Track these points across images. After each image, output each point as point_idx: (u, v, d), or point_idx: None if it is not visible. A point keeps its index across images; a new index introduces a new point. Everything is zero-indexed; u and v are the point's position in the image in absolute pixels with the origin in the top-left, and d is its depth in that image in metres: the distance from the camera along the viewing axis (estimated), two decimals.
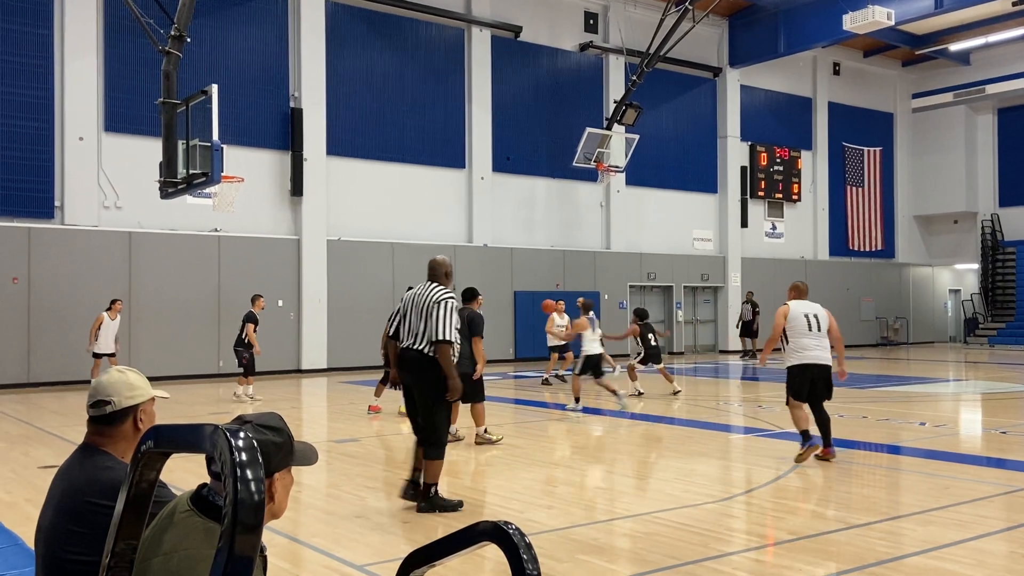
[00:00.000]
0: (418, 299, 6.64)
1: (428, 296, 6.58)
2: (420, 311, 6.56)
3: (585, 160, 21.82)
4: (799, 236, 29.69)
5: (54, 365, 16.45)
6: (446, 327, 6.45)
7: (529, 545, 1.53)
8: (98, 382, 2.72)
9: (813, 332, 8.32)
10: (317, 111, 19.82)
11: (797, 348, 8.35)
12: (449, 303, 6.54)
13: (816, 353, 8.32)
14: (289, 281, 19.29)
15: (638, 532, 5.94)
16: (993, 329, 30.85)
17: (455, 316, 6.55)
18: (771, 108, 28.79)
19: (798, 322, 8.34)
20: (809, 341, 8.32)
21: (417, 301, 6.64)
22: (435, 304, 6.52)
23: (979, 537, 5.66)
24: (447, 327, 6.45)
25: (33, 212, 16.74)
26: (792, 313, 8.40)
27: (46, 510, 2.61)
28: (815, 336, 8.34)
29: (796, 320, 8.35)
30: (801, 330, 8.32)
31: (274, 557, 5.26)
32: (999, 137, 31.81)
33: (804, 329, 8.31)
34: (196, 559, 1.86)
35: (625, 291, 25.00)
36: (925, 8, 22.31)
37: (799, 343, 8.34)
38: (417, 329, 6.54)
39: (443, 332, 6.42)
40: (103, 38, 17.43)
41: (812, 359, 8.31)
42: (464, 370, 9.14)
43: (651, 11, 24.27)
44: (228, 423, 1.78)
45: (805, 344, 8.32)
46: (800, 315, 8.37)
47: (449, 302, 6.55)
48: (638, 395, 14.29)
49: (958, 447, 9.61)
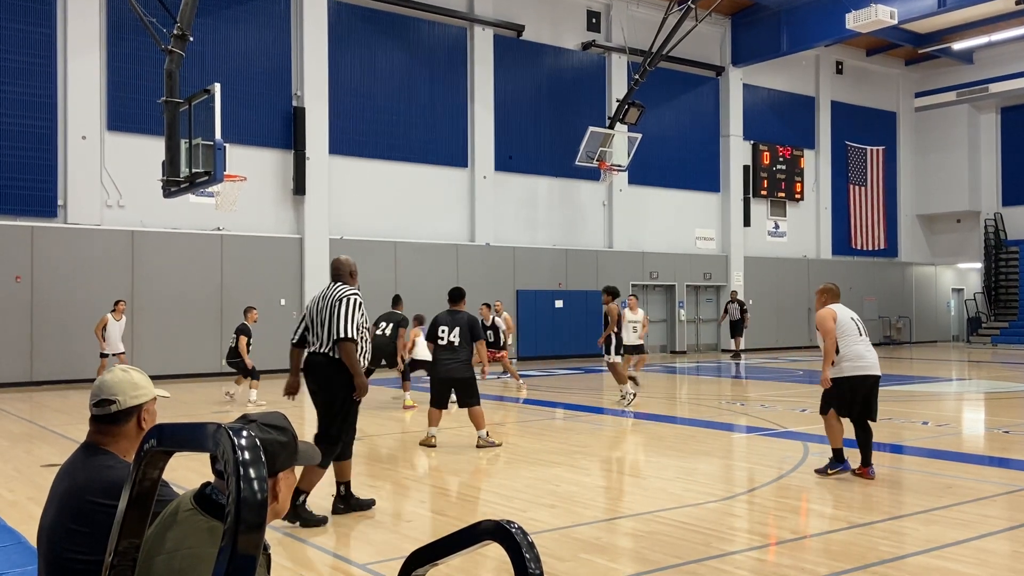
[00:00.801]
0: (323, 301, 6.38)
1: (332, 296, 6.33)
2: (324, 312, 6.31)
3: (588, 159, 21.81)
4: (802, 235, 29.66)
5: (57, 364, 16.47)
6: (347, 324, 6.17)
7: (531, 544, 1.53)
8: (102, 381, 2.72)
9: (864, 337, 7.54)
10: (320, 110, 19.83)
11: (852, 356, 7.40)
12: (352, 299, 6.27)
13: (872, 361, 7.46)
14: (292, 280, 19.30)
15: (640, 531, 5.94)
16: (996, 328, 30.81)
17: (359, 313, 6.26)
18: (774, 107, 28.76)
19: (848, 327, 7.49)
20: (863, 348, 7.46)
21: (321, 304, 6.38)
22: (337, 301, 6.26)
23: (982, 536, 5.65)
24: (349, 324, 6.17)
25: (36, 211, 16.76)
26: (841, 318, 7.54)
27: (48, 509, 2.61)
28: (866, 342, 7.53)
29: (846, 325, 7.51)
30: (853, 336, 7.46)
31: (277, 556, 5.26)
32: (1002, 136, 31.76)
33: (856, 334, 7.48)
34: (199, 558, 1.86)
35: (627, 290, 24.95)
36: (928, 7, 22.28)
37: (854, 351, 7.42)
38: (322, 332, 6.29)
39: (344, 330, 6.15)
40: (106, 37, 17.45)
41: (870, 369, 7.42)
42: (465, 375, 9.23)
43: (654, 10, 24.25)
44: (231, 422, 1.78)
45: (860, 352, 7.42)
46: (848, 319, 7.56)
47: (352, 298, 6.28)
48: (631, 396, 12.97)
49: (961, 446, 9.60)
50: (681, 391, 16.59)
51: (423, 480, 8.01)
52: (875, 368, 7.43)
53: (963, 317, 33.36)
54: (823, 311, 7.61)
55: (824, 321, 7.51)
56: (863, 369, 7.37)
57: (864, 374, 7.37)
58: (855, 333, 7.47)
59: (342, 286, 6.41)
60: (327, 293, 6.41)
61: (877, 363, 7.46)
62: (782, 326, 28.04)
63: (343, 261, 6.59)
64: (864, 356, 7.40)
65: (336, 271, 6.54)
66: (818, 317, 7.64)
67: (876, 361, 7.47)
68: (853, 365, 7.36)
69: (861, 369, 7.36)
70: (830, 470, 7.40)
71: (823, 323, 7.51)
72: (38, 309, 16.44)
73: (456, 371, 9.23)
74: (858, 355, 7.38)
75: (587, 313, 23.75)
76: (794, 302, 28.35)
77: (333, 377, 6.24)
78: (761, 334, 26.68)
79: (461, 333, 9.33)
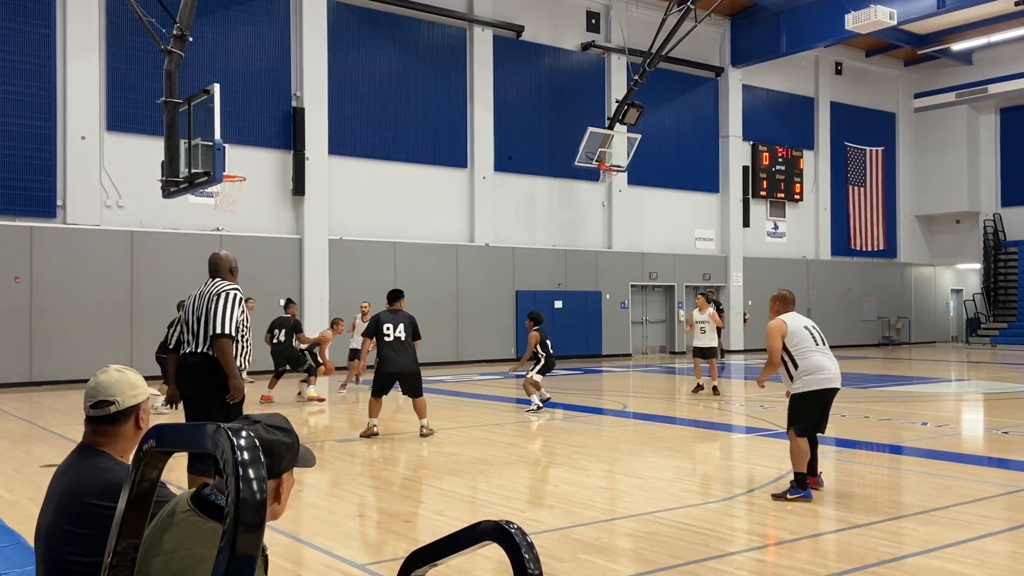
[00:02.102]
0: (199, 299, 5.93)
1: (209, 292, 5.89)
2: (201, 309, 5.85)
3: (587, 160, 21.82)
4: (801, 236, 29.68)
5: (56, 364, 16.46)
6: (226, 319, 5.73)
7: (531, 544, 1.53)
8: (98, 382, 2.71)
9: (821, 346, 6.90)
10: (319, 110, 19.82)
11: (812, 369, 6.77)
12: (232, 294, 5.86)
13: (835, 372, 6.86)
14: (291, 280, 19.29)
15: (640, 532, 5.94)
16: (995, 329, 30.82)
17: (239, 310, 5.84)
18: (773, 108, 28.77)
19: (802, 337, 6.84)
20: (823, 359, 6.83)
21: (199, 301, 5.92)
22: (215, 296, 5.82)
23: (981, 537, 5.65)
24: (227, 320, 5.74)
25: (35, 211, 16.75)
26: (793, 328, 6.90)
27: (45, 510, 2.60)
28: (825, 351, 6.91)
29: (799, 335, 6.85)
30: (809, 345, 6.83)
31: (276, 556, 5.26)
32: (1001, 137, 31.78)
33: (812, 344, 6.84)
34: (197, 559, 1.86)
35: (627, 291, 24.99)
36: (927, 8, 22.30)
37: (814, 362, 6.78)
38: (198, 330, 5.82)
39: (222, 324, 5.71)
40: (105, 37, 17.45)
41: (833, 382, 6.85)
42: (414, 369, 10.00)
43: (653, 11, 24.26)
44: (232, 422, 1.78)
45: (821, 363, 6.80)
46: (801, 328, 6.91)
47: (232, 294, 5.87)
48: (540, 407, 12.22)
49: (960, 447, 9.60)
50: (680, 392, 16.58)
51: (422, 480, 8.00)
52: (837, 380, 6.88)
53: (962, 318, 33.37)
54: (772, 323, 7.00)
55: (771, 338, 6.91)
56: (827, 382, 6.80)
57: (828, 387, 6.82)
58: (811, 343, 6.84)
59: (220, 281, 5.99)
60: (204, 290, 5.95)
61: (839, 373, 6.91)
62: None
63: (223, 256, 6.15)
64: (825, 367, 6.81)
65: (214, 267, 6.08)
66: (767, 329, 7.02)
67: (838, 371, 6.90)
68: (816, 378, 6.77)
69: (825, 382, 6.79)
70: (790, 495, 6.65)
71: (769, 339, 6.92)
72: (37, 309, 16.43)
73: (407, 366, 9.94)
74: (819, 366, 6.78)
75: (586, 314, 23.77)
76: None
77: (208, 378, 5.74)
78: (761, 335, 26.62)
79: (405, 329, 10.00)
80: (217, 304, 5.75)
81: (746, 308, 24.98)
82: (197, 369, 5.78)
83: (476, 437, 10.23)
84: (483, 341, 21.93)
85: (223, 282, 5.96)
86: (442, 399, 14.18)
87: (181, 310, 6.24)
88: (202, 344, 5.78)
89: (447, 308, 21.42)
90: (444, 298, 21.40)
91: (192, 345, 5.83)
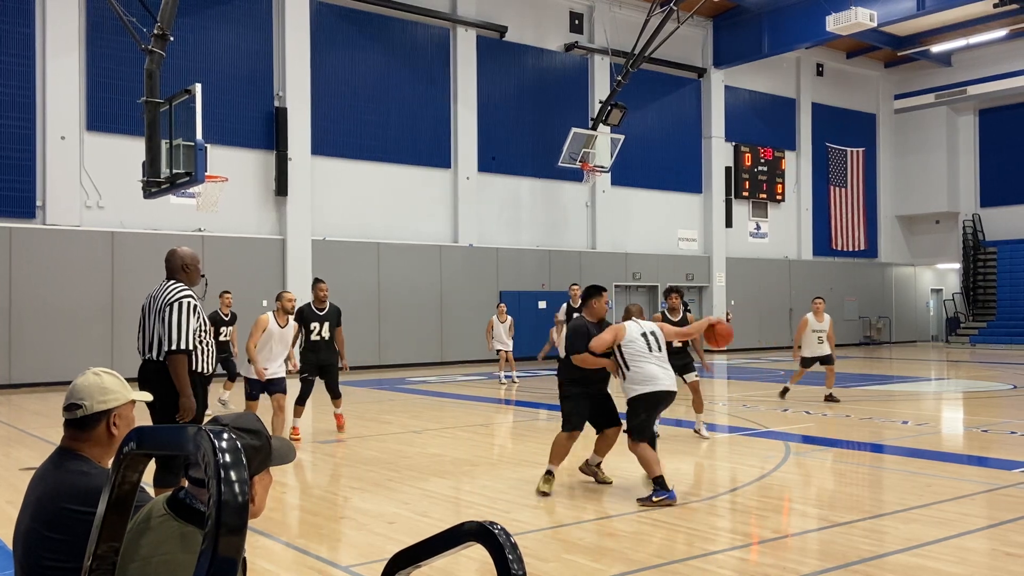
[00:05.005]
0: (152, 303, 5.59)
1: (160, 299, 5.54)
2: (153, 317, 5.54)
3: (570, 160, 21.85)
4: (783, 236, 29.86)
5: (36, 366, 16.31)
6: (180, 334, 5.37)
7: (514, 545, 1.53)
8: (73, 384, 2.67)
9: (656, 353, 6.99)
10: (302, 110, 19.75)
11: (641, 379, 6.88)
12: (184, 303, 5.46)
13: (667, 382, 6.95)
14: (273, 281, 19.19)
15: (624, 531, 5.95)
16: (974, 328, 31.12)
17: (193, 318, 5.48)
18: (755, 109, 28.93)
19: (637, 345, 6.95)
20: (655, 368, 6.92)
21: (151, 306, 5.59)
22: (167, 306, 5.44)
23: (961, 535, 5.70)
24: (180, 334, 5.37)
25: (14, 212, 16.59)
26: (631, 334, 7.00)
27: (23, 515, 2.57)
28: (659, 358, 7.01)
29: (635, 343, 6.97)
30: (643, 354, 6.92)
31: (258, 558, 5.23)
32: (980, 138, 32.10)
33: (645, 351, 6.93)
34: (174, 564, 1.84)
35: (611, 291, 25.04)
36: (907, 9, 22.49)
37: (644, 371, 6.89)
38: (153, 338, 5.51)
39: (177, 340, 5.35)
40: (85, 36, 17.30)
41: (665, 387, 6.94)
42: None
43: (636, 12, 24.34)
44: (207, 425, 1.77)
45: (652, 373, 6.90)
46: (638, 336, 7.00)
47: (184, 302, 5.46)
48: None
49: (940, 445, 9.68)
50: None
51: (405, 481, 7.98)
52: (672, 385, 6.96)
53: (942, 317, 33.67)
54: (614, 325, 7.16)
55: (601, 335, 6.98)
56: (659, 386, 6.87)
57: (662, 390, 6.88)
58: (644, 350, 6.91)
59: (173, 285, 5.59)
60: (156, 294, 5.62)
61: (673, 381, 7.00)
62: (764, 327, 28.19)
63: (177, 254, 5.71)
64: (656, 377, 6.86)
65: (169, 265, 5.69)
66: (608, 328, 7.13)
67: (672, 381, 6.97)
68: (645, 386, 6.86)
69: (657, 386, 6.87)
70: (655, 498, 6.61)
71: (601, 335, 6.98)
72: (16, 311, 16.27)
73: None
74: (650, 376, 6.86)
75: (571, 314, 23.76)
76: (775, 303, 28.54)
77: (171, 387, 5.38)
78: (743, 335, 26.78)
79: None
80: (170, 317, 5.41)
81: (729, 308, 25.11)
82: (155, 377, 5.48)
83: (460, 438, 10.22)
84: (467, 342, 21.90)
85: (175, 286, 5.59)
86: (426, 400, 14.15)
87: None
88: (158, 353, 5.50)
89: (431, 309, 21.39)
90: (428, 299, 21.36)
91: (150, 353, 5.54)
